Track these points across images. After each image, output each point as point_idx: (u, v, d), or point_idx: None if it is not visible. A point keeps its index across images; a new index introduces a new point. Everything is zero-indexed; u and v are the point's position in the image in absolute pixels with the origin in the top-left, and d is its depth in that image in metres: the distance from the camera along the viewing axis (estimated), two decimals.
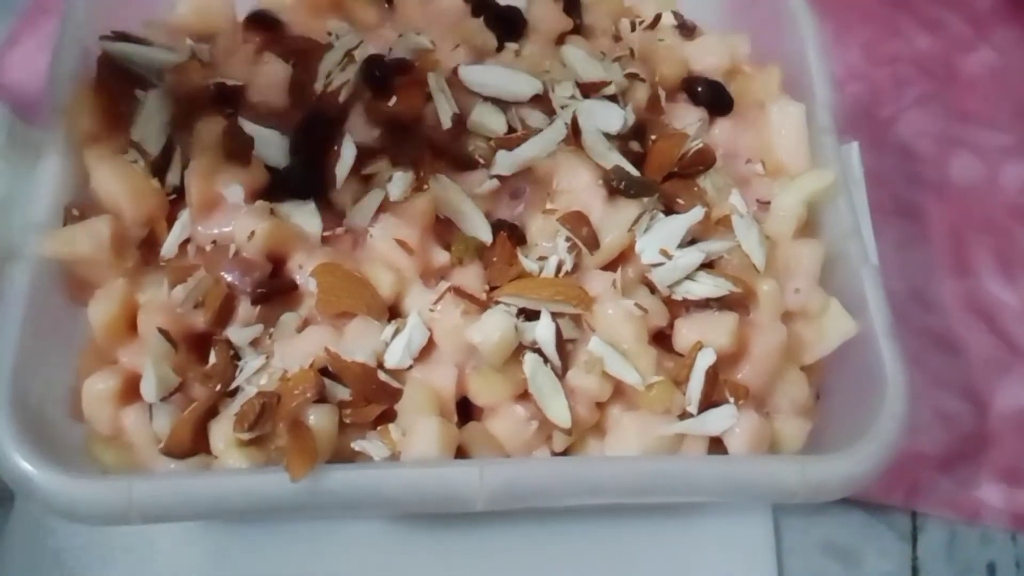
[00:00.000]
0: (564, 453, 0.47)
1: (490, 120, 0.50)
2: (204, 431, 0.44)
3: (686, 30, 0.58)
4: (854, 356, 0.49)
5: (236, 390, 0.45)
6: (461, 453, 0.45)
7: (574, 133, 0.48)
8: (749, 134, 0.54)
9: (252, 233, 0.46)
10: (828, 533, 0.59)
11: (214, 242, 0.47)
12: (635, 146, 0.50)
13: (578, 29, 0.57)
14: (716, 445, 0.46)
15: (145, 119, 0.49)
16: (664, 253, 0.46)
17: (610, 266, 0.48)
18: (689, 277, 0.47)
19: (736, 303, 0.47)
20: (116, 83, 0.49)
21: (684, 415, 0.46)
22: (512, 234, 0.48)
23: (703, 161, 0.50)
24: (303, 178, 0.48)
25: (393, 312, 0.47)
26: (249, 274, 0.46)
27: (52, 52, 0.51)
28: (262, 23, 0.53)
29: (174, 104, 0.49)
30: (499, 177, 0.49)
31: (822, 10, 0.58)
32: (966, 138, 0.76)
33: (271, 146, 0.49)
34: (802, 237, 0.51)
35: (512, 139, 0.49)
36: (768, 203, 0.51)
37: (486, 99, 0.50)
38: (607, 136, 0.49)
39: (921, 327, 0.66)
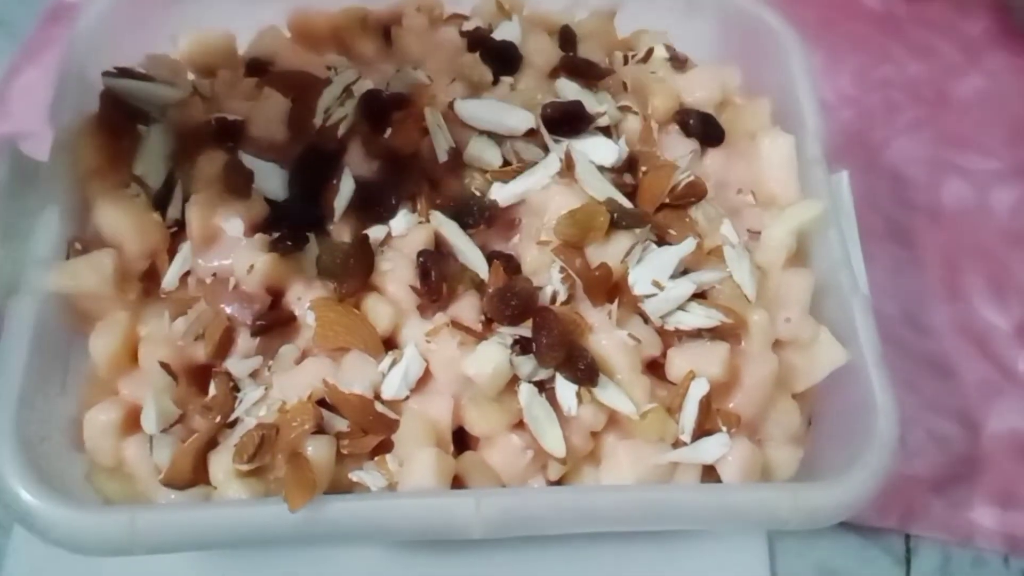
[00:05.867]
0: (559, 482, 0.47)
1: (486, 153, 0.51)
2: (204, 462, 0.44)
3: (678, 63, 0.59)
4: (845, 384, 0.49)
5: (236, 421, 0.45)
6: (457, 482, 0.45)
7: (568, 166, 0.49)
8: (740, 165, 0.54)
9: (251, 266, 0.46)
10: (823, 557, 0.59)
11: (214, 275, 0.48)
12: (628, 178, 0.51)
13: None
14: (709, 473, 0.47)
15: (147, 153, 0.50)
16: (656, 284, 0.47)
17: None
18: (681, 308, 0.47)
19: (728, 333, 0.48)
20: (118, 118, 0.50)
21: (677, 443, 0.46)
22: (507, 265, 0.49)
23: (694, 193, 0.51)
24: (302, 211, 0.49)
25: (390, 343, 0.47)
26: (249, 306, 0.46)
27: (54, 86, 0.52)
28: (262, 67, 0.54)
29: (175, 139, 0.50)
30: None
31: (813, 34, 0.59)
32: (957, 163, 0.76)
33: (271, 179, 0.50)
34: (793, 266, 0.52)
35: (507, 172, 0.50)
36: (759, 233, 0.52)
37: (482, 132, 0.51)
38: (600, 169, 0.49)
39: (914, 351, 0.67)
